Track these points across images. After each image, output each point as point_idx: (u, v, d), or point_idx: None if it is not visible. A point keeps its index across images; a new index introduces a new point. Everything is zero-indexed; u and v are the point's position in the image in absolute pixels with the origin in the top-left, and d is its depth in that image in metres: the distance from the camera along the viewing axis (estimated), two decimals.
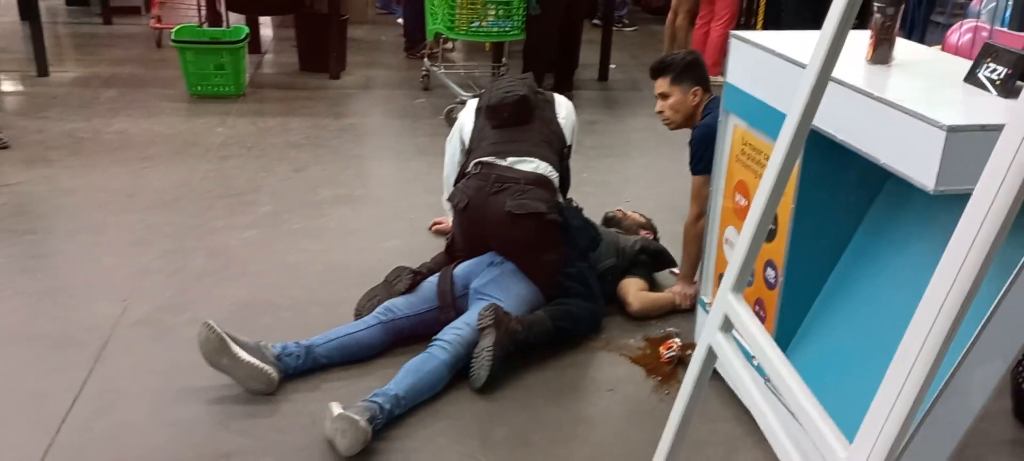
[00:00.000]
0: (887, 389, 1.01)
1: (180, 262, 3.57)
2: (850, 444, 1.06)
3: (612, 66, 7.00)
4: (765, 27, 6.97)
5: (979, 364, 1.39)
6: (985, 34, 3.71)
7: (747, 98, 2.67)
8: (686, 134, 3.35)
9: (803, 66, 2.36)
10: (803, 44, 2.63)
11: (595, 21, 8.23)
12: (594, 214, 3.59)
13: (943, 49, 3.52)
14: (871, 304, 2.33)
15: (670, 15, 7.31)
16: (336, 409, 2.50)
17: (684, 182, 4.73)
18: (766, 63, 2.57)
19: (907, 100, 2.00)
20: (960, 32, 3.77)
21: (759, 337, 1.33)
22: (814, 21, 5.25)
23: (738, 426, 2.65)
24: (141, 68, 6.68)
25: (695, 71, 3.30)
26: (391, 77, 6.82)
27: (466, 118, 3.47)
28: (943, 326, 1.01)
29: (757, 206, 1.43)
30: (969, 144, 1.87)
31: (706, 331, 1.51)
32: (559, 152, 3.32)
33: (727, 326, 1.47)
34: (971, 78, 2.18)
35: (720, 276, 2.92)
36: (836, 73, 2.28)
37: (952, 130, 1.84)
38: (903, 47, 2.57)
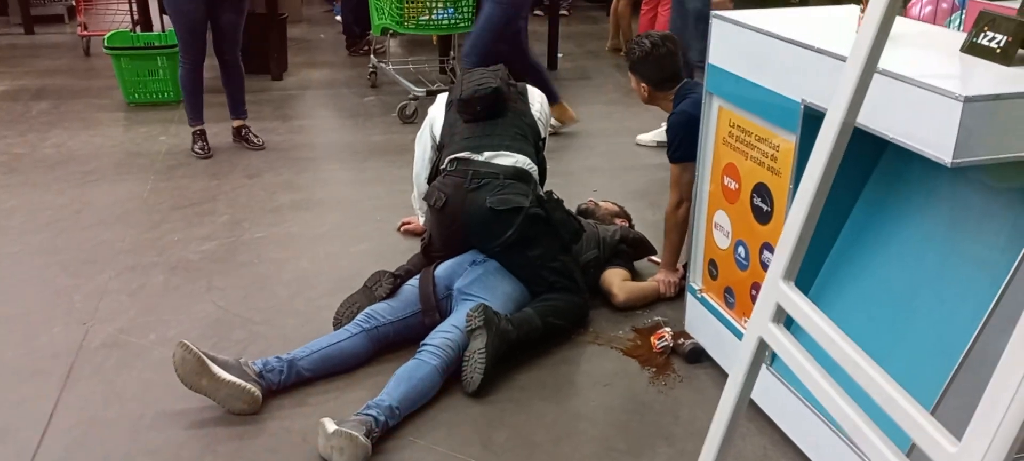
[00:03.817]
0: (1002, 380, 0.95)
1: (140, 279, 3.39)
2: (958, 441, 1.00)
3: (560, 56, 6.94)
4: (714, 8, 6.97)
5: None
6: (946, 5, 3.72)
7: (733, 79, 2.62)
8: (651, 116, 3.29)
9: (791, 42, 2.34)
10: (786, 20, 2.60)
11: (537, 12, 8.16)
12: (566, 206, 3.51)
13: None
14: (875, 281, 2.30)
15: (614, 2, 7.29)
16: (330, 425, 2.37)
17: (647, 170, 4.72)
18: (753, 42, 2.52)
19: (913, 72, 1.96)
20: (921, 4, 3.76)
21: (823, 325, 1.27)
22: (761, 1, 5.21)
23: None
24: (71, 78, 6.38)
25: (644, 68, 3.23)
26: (335, 76, 6.64)
27: (436, 113, 3.36)
28: None
29: (806, 191, 1.37)
30: (984, 114, 1.84)
31: (754, 322, 1.44)
32: (535, 144, 3.24)
33: (779, 316, 1.41)
34: (970, 47, 2.15)
35: (709, 261, 2.88)
36: (830, 48, 2.26)
37: (969, 101, 1.80)
38: None
